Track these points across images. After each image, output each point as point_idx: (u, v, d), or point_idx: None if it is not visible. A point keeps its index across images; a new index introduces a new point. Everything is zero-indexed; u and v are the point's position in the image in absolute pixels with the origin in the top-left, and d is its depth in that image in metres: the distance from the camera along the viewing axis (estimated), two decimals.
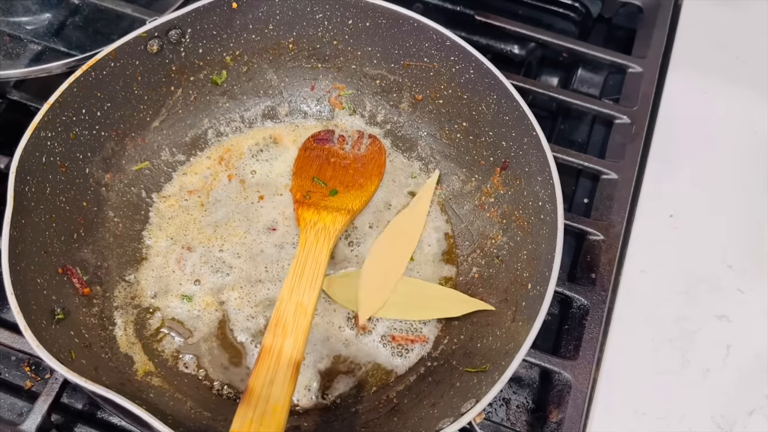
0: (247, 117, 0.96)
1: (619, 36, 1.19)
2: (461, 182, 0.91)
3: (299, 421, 0.77)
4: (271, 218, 0.89)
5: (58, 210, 0.78)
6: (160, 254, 0.86)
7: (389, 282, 0.84)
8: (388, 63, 0.93)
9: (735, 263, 0.90)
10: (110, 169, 0.86)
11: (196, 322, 0.82)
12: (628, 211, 0.92)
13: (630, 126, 0.99)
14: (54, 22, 1.01)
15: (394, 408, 0.76)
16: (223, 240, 0.87)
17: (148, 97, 0.88)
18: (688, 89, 1.05)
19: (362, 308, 0.82)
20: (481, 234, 0.88)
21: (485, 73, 0.84)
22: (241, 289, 0.84)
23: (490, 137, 0.87)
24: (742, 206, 0.95)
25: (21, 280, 0.69)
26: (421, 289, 0.85)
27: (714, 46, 1.10)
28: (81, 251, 0.80)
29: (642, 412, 0.80)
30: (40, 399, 0.75)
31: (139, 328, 0.81)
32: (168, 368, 0.79)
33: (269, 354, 0.70)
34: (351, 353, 0.81)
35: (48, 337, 0.67)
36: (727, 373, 0.83)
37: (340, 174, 0.92)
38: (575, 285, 0.86)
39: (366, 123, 0.97)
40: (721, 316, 0.87)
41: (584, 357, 0.81)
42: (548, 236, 0.76)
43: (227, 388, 0.79)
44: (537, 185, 0.80)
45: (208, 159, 0.93)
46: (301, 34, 0.93)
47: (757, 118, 1.03)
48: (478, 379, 0.72)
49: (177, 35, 0.87)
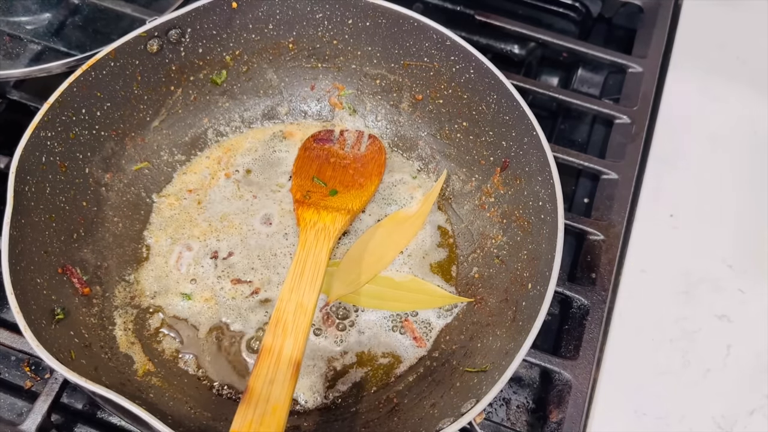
0: (247, 117, 0.96)
1: (619, 36, 1.19)
2: (461, 182, 0.91)
3: (299, 421, 0.77)
4: (269, 217, 0.89)
5: (58, 210, 0.78)
6: (160, 254, 0.86)
7: (370, 270, 0.85)
8: (388, 63, 0.93)
9: (735, 263, 0.90)
10: (110, 169, 0.86)
11: (196, 322, 0.82)
12: (628, 211, 0.92)
13: (630, 126, 0.99)
14: (54, 22, 1.01)
15: (394, 408, 0.76)
16: (223, 239, 0.87)
17: (148, 96, 0.88)
18: (688, 89, 1.05)
19: (334, 289, 0.83)
20: (481, 234, 0.88)
21: (485, 73, 0.84)
22: (242, 287, 0.84)
23: (491, 137, 0.87)
24: (742, 206, 0.95)
25: (21, 280, 0.69)
26: (400, 282, 0.85)
27: (714, 46, 1.10)
28: (81, 251, 0.80)
29: (642, 412, 0.80)
30: (40, 399, 0.74)
31: (139, 328, 0.81)
32: (168, 368, 0.79)
33: (269, 354, 0.70)
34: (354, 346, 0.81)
35: (48, 337, 0.67)
36: (727, 373, 0.83)
37: (340, 174, 0.92)
38: (575, 285, 0.86)
39: (366, 123, 0.97)
40: (722, 316, 0.87)
41: (584, 357, 0.81)
42: (548, 236, 0.76)
43: (227, 388, 0.79)
44: (537, 185, 0.80)
45: (208, 159, 0.93)
46: (301, 34, 0.93)
47: (757, 118, 1.03)
48: (478, 379, 0.72)
49: (177, 35, 0.87)
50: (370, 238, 0.88)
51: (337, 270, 0.85)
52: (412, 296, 0.85)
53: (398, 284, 0.85)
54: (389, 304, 0.84)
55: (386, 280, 0.85)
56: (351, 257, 0.86)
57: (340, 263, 0.85)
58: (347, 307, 0.84)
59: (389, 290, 0.85)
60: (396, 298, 0.84)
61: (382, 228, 0.89)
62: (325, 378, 0.80)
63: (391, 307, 0.84)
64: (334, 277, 0.84)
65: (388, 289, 0.85)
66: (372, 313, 0.83)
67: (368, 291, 0.84)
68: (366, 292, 0.84)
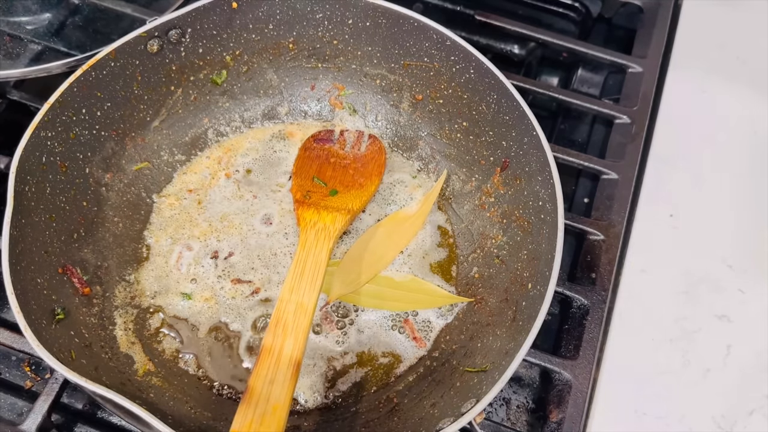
0: (247, 117, 0.96)
1: (619, 36, 1.19)
2: (461, 182, 0.91)
3: (299, 421, 0.77)
4: (269, 217, 0.89)
5: (58, 210, 0.78)
6: (160, 254, 0.86)
7: (370, 270, 0.85)
8: (388, 63, 0.93)
9: (735, 263, 0.90)
10: (110, 169, 0.86)
11: (197, 321, 0.82)
12: (628, 211, 0.92)
13: (630, 126, 0.99)
14: (54, 22, 1.01)
15: (394, 408, 0.76)
16: (223, 239, 0.87)
17: (148, 96, 0.88)
18: (688, 89, 1.05)
19: (334, 288, 0.83)
20: (481, 234, 0.88)
21: (485, 73, 0.84)
22: (242, 287, 0.84)
23: (491, 137, 0.87)
24: (742, 206, 0.95)
25: (21, 280, 0.69)
26: (400, 282, 0.85)
27: (714, 46, 1.10)
28: (81, 251, 0.80)
29: (642, 412, 0.80)
30: (40, 399, 0.75)
31: (139, 328, 0.81)
32: (168, 368, 0.79)
33: (269, 354, 0.70)
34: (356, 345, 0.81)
35: (48, 337, 0.67)
36: (727, 373, 0.83)
37: (340, 174, 0.92)
38: (575, 285, 0.86)
39: (366, 123, 0.97)
40: (722, 316, 0.87)
41: (584, 357, 0.81)
42: (548, 236, 0.76)
43: (227, 388, 0.79)
44: (537, 185, 0.80)
45: (208, 159, 0.93)
46: (301, 34, 0.93)
47: (757, 118, 1.03)
48: (478, 378, 0.72)
49: (177, 35, 0.87)
50: (370, 237, 0.88)
51: (337, 269, 0.85)
52: (412, 296, 0.85)
53: (398, 284, 0.85)
54: (389, 303, 0.84)
55: (386, 280, 0.85)
56: (351, 257, 0.86)
57: (340, 263, 0.85)
58: (347, 306, 0.84)
59: (389, 290, 0.85)
60: (396, 298, 0.84)
61: (382, 228, 0.89)
62: (325, 378, 0.80)
63: (391, 306, 0.84)
64: (334, 277, 0.84)
65: (388, 289, 0.85)
66: (372, 313, 0.84)
67: (368, 291, 0.84)
68: (366, 291, 0.84)
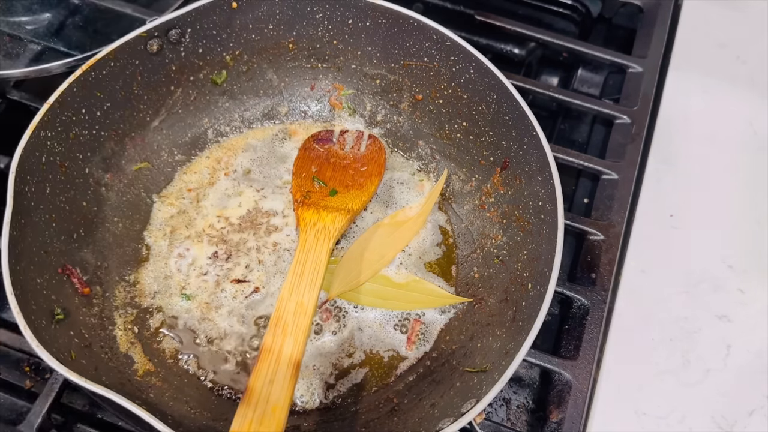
0: (247, 117, 0.96)
1: (619, 36, 1.19)
2: (461, 182, 0.91)
3: (299, 421, 0.77)
4: (268, 215, 0.89)
5: (58, 210, 0.78)
6: (160, 254, 0.86)
7: (370, 269, 0.85)
8: (388, 63, 0.93)
9: (735, 263, 0.90)
10: (110, 169, 0.86)
11: (196, 321, 0.82)
12: (628, 211, 0.92)
13: (630, 126, 0.99)
14: (54, 22, 1.01)
15: (394, 408, 0.76)
16: (223, 238, 0.87)
17: (147, 96, 0.88)
18: (688, 89, 1.05)
19: (334, 286, 0.83)
20: (481, 234, 0.88)
21: (485, 73, 0.84)
22: (242, 287, 0.84)
23: (490, 137, 0.87)
24: (742, 206, 0.95)
25: (21, 280, 0.69)
26: (400, 282, 0.86)
27: (714, 46, 1.10)
28: (81, 251, 0.80)
29: (642, 412, 0.80)
30: (40, 399, 0.75)
31: (139, 328, 0.81)
32: (168, 368, 0.79)
33: (269, 354, 0.70)
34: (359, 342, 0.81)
35: (48, 337, 0.67)
36: (727, 373, 0.83)
37: (339, 174, 0.92)
38: (575, 285, 0.86)
39: (366, 123, 0.97)
40: (722, 316, 0.87)
41: (584, 357, 0.81)
42: (548, 236, 0.76)
43: (227, 388, 0.79)
44: (537, 185, 0.80)
45: (208, 159, 0.93)
46: (301, 34, 0.93)
47: (757, 118, 1.03)
48: (478, 379, 0.72)
49: (177, 35, 0.87)
50: (370, 237, 0.88)
51: (338, 268, 0.85)
52: (412, 296, 0.85)
53: (398, 284, 0.85)
54: (389, 303, 0.84)
55: (386, 280, 0.85)
56: (351, 256, 0.86)
57: (340, 261, 0.86)
58: (347, 305, 0.84)
59: (389, 289, 0.85)
60: (396, 298, 0.84)
61: (383, 227, 0.89)
62: (324, 378, 0.80)
63: (391, 306, 0.84)
64: (334, 275, 0.84)
65: (388, 288, 0.85)
66: (372, 312, 0.84)
67: (368, 290, 0.84)
68: (366, 290, 0.84)
